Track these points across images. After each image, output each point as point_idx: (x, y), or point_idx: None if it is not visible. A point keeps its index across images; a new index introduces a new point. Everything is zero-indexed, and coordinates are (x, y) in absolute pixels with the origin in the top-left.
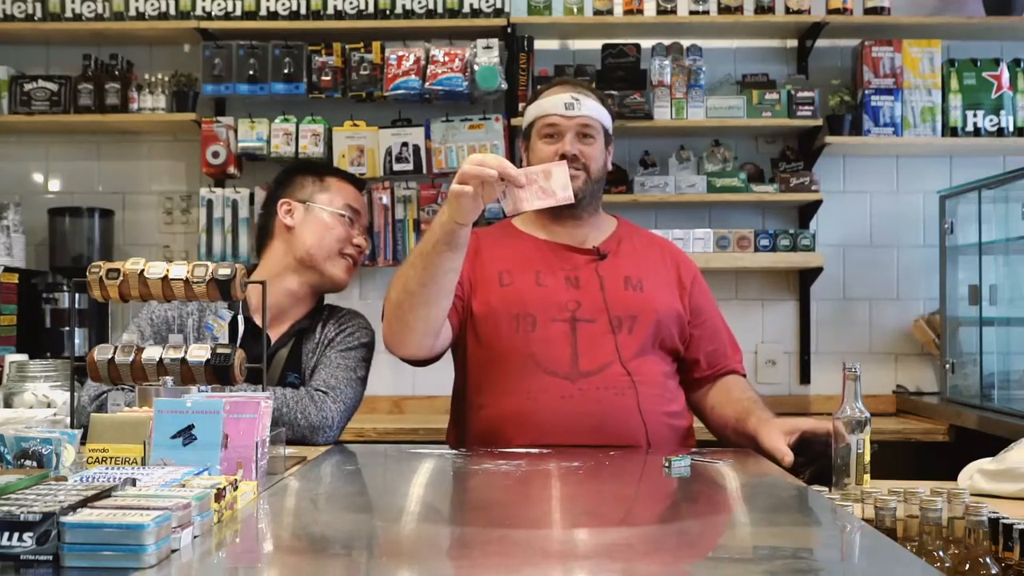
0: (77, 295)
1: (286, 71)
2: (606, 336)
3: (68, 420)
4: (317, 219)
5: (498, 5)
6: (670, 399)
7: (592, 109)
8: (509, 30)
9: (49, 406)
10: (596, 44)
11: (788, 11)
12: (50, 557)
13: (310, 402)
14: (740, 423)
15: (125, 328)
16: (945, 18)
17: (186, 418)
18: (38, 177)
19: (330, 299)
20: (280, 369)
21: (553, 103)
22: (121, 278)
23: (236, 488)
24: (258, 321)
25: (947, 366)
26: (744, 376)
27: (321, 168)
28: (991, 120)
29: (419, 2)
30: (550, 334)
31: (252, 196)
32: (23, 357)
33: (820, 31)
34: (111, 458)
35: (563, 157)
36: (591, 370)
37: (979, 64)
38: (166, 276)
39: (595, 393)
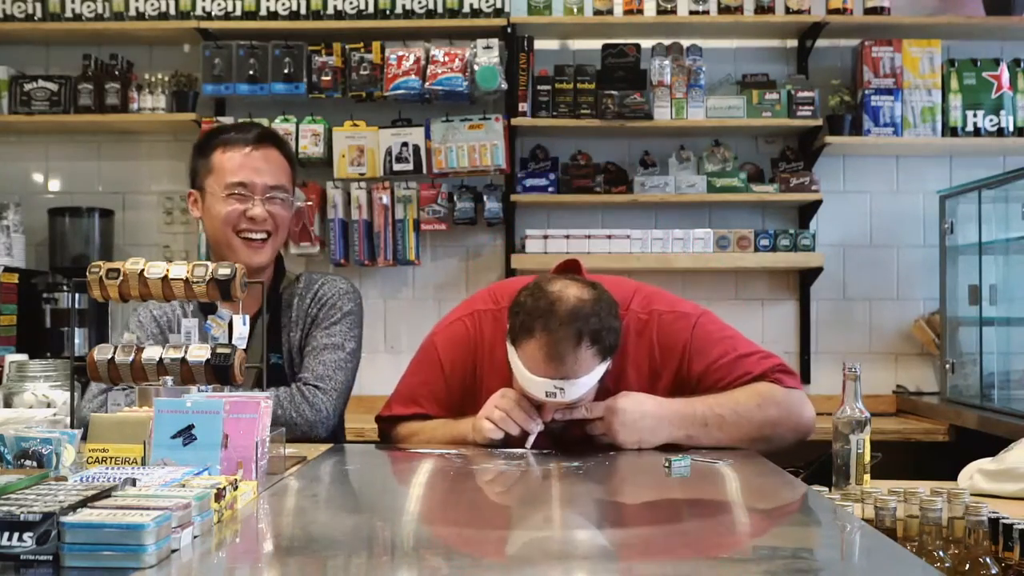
0: (77, 295)
1: (286, 71)
2: None
3: (68, 420)
4: (208, 207)
5: (498, 5)
6: None
7: (580, 388)
8: (509, 30)
9: (49, 406)
10: (596, 44)
11: (788, 11)
12: (50, 557)
13: (303, 400)
14: None
15: (126, 327)
16: (945, 18)
17: (186, 418)
18: (38, 177)
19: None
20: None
21: (535, 386)
22: (121, 278)
23: (236, 488)
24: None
25: (947, 366)
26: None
27: (212, 138)
28: (991, 120)
29: (419, 2)
30: None
31: None
32: (23, 357)
33: (820, 31)
34: (111, 458)
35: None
36: None
37: (979, 64)
38: (166, 276)
39: None
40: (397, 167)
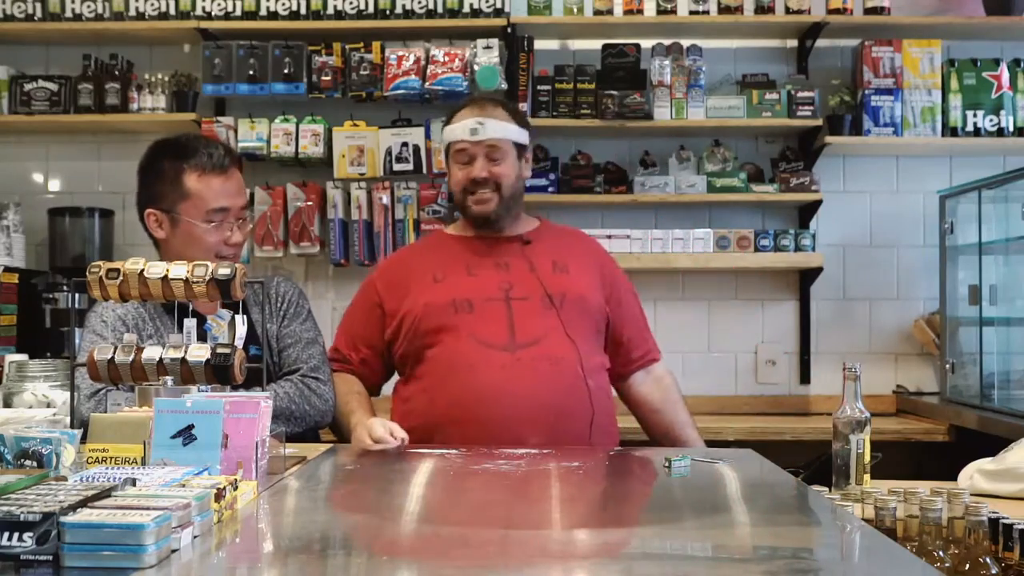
0: (77, 295)
1: (286, 71)
2: (541, 311)
3: (68, 420)
4: (184, 232)
5: (498, 5)
6: (604, 374)
7: (498, 130)
8: (509, 30)
9: (49, 406)
10: (596, 44)
11: (788, 11)
12: (50, 557)
13: (311, 393)
14: (671, 432)
15: (91, 329)
16: (945, 18)
17: (186, 418)
18: (38, 177)
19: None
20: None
21: (461, 128)
22: (121, 278)
23: (236, 488)
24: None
25: (947, 366)
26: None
27: (177, 160)
28: (991, 120)
29: (419, 2)
30: (487, 312)
31: (252, 196)
32: (23, 357)
33: (820, 31)
34: (111, 458)
35: (473, 181)
36: (527, 342)
37: (979, 64)
38: (166, 276)
39: (532, 363)
40: (397, 167)
